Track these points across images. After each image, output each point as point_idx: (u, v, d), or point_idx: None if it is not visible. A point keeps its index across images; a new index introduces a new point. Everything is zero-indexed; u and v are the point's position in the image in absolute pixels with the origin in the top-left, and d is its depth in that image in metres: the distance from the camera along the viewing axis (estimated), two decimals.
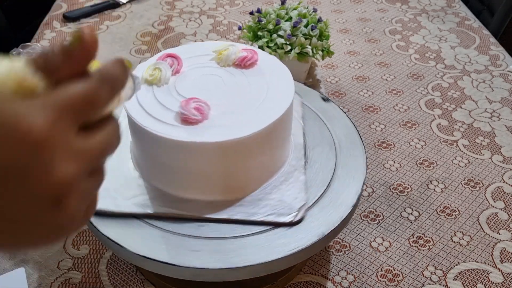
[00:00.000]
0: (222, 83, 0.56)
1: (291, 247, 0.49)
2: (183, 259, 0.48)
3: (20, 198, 0.25)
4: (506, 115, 0.94)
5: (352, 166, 0.59)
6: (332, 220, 0.52)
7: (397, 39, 1.17)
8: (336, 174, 0.58)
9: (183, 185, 0.53)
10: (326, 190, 0.56)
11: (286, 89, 0.55)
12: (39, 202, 0.26)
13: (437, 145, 0.86)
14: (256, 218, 0.51)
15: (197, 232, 0.51)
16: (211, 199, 0.53)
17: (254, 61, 0.58)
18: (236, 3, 1.31)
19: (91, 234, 0.68)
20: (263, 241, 0.50)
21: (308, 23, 0.85)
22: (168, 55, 0.58)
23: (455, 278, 0.64)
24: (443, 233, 0.70)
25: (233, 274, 0.48)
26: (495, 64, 1.09)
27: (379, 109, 0.95)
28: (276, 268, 0.50)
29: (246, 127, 0.49)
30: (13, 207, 0.25)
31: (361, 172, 0.58)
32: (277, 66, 0.59)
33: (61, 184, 0.25)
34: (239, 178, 0.53)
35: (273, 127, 0.51)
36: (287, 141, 0.58)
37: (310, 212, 0.53)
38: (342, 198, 0.55)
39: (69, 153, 0.26)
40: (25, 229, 0.26)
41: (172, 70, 0.56)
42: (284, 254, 0.48)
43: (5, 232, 0.26)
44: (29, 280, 0.62)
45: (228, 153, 0.50)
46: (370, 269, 0.65)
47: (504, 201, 0.76)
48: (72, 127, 0.26)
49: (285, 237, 0.50)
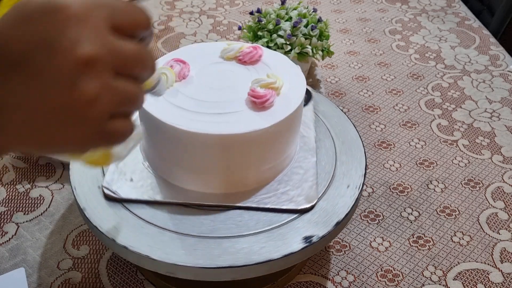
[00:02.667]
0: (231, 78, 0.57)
1: (290, 247, 0.49)
2: (183, 258, 0.48)
3: (46, 74, 0.26)
4: (506, 115, 0.94)
5: (352, 166, 0.59)
6: (331, 220, 0.52)
7: (397, 39, 1.17)
8: (336, 174, 0.58)
9: (189, 177, 0.54)
10: (326, 190, 0.56)
11: (298, 86, 0.56)
12: (63, 79, 0.27)
13: (437, 145, 0.86)
14: (279, 207, 0.53)
15: (197, 232, 0.51)
16: (214, 191, 0.54)
17: (259, 57, 0.59)
18: (236, 3, 1.31)
19: (91, 234, 0.68)
20: (264, 241, 0.50)
21: (308, 23, 0.85)
22: (175, 60, 0.58)
23: (455, 278, 0.64)
24: (443, 233, 0.70)
25: (232, 273, 0.48)
26: (495, 64, 1.09)
27: (379, 109, 0.95)
28: (276, 268, 0.50)
29: (254, 123, 0.50)
30: (39, 85, 0.27)
31: (361, 172, 0.58)
32: (289, 65, 0.60)
33: (86, 60, 0.27)
34: (259, 169, 0.54)
35: (282, 125, 0.52)
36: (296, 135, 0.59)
37: (327, 194, 0.54)
38: (352, 176, 0.56)
39: (97, 37, 0.27)
40: (51, 116, 0.28)
41: (179, 75, 0.56)
42: (283, 254, 0.48)
43: (36, 119, 0.28)
44: (29, 280, 0.62)
45: (250, 145, 0.51)
46: (370, 269, 0.65)
47: (504, 201, 0.76)
48: (106, 21, 0.28)
49: (285, 237, 0.50)
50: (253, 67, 0.58)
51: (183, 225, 0.52)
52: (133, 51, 0.29)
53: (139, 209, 0.53)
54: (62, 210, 0.71)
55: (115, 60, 0.28)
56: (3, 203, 0.72)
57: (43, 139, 0.29)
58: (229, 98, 0.53)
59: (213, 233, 0.51)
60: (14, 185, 0.75)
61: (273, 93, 0.52)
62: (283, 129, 0.53)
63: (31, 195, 0.73)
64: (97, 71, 0.27)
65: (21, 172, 0.77)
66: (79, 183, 0.56)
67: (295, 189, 0.55)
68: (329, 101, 0.69)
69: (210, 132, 0.49)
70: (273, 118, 0.51)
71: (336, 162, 0.59)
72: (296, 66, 0.59)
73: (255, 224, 0.52)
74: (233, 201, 0.54)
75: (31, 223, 0.69)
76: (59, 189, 0.74)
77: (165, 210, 0.53)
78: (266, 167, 0.55)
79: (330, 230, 0.51)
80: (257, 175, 0.55)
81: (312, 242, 0.49)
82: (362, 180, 0.57)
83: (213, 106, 0.52)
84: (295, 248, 0.49)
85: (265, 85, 0.53)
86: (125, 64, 0.29)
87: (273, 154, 0.54)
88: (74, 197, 0.54)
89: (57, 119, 0.28)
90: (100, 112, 0.28)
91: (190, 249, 0.49)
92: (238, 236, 0.50)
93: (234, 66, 0.59)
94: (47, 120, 0.28)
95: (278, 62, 0.59)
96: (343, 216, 0.52)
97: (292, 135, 0.56)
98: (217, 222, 0.52)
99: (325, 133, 0.64)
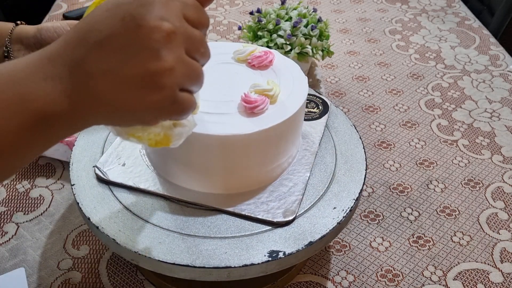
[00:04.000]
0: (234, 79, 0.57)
1: (289, 247, 0.49)
2: (145, 249, 0.48)
3: (132, 45, 0.32)
4: (506, 115, 0.94)
5: (352, 166, 0.59)
6: (304, 239, 0.50)
7: (397, 39, 1.17)
8: (336, 174, 0.58)
9: (183, 175, 0.54)
10: (326, 190, 0.56)
11: (300, 91, 0.55)
12: (148, 49, 0.32)
13: (437, 145, 0.86)
14: (255, 215, 0.52)
15: (167, 225, 0.51)
16: (197, 189, 0.54)
17: (269, 62, 0.59)
18: (236, 3, 1.31)
19: (91, 234, 0.68)
20: (228, 247, 0.49)
21: (308, 23, 0.85)
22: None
23: (455, 278, 0.64)
24: (443, 233, 0.70)
25: (232, 273, 0.48)
26: (495, 64, 1.09)
27: (379, 109, 0.95)
28: (275, 268, 0.50)
29: (251, 125, 0.50)
30: (125, 55, 0.32)
31: (361, 174, 0.58)
32: (298, 75, 0.59)
33: (168, 33, 0.32)
34: (239, 174, 0.54)
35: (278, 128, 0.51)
36: (296, 137, 0.58)
37: (307, 214, 0.53)
38: (341, 200, 0.54)
39: (176, 19, 0.33)
40: (133, 82, 0.32)
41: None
42: (282, 255, 0.48)
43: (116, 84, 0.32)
44: (29, 280, 0.62)
45: (231, 149, 0.51)
46: (370, 269, 0.65)
47: (504, 201, 0.76)
48: (181, 10, 0.34)
49: (284, 237, 0.50)
50: (260, 72, 0.58)
51: (157, 217, 0.52)
52: (200, 37, 0.35)
53: (122, 194, 0.54)
54: (62, 210, 0.71)
55: (187, 40, 0.33)
56: (3, 203, 0.72)
57: (125, 105, 0.33)
58: (223, 99, 0.53)
59: (182, 229, 0.51)
60: (14, 185, 0.75)
61: (265, 100, 0.52)
62: (270, 137, 0.52)
63: (31, 195, 0.73)
64: (175, 45, 0.32)
65: (21, 172, 0.77)
66: (77, 159, 0.58)
67: (277, 201, 0.53)
68: (346, 118, 0.67)
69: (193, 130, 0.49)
70: (258, 125, 0.50)
71: (331, 181, 0.57)
72: (304, 77, 0.58)
73: (226, 228, 0.51)
74: (211, 202, 0.53)
75: (31, 223, 0.69)
76: (59, 189, 0.74)
77: (146, 199, 0.54)
78: (249, 174, 0.54)
79: (299, 249, 0.49)
80: (240, 180, 0.54)
81: (277, 257, 0.48)
82: (352, 204, 0.54)
83: (205, 105, 0.52)
84: (256, 260, 0.48)
85: (259, 91, 0.52)
86: (193, 45, 0.34)
87: (257, 162, 0.53)
88: (69, 172, 0.57)
89: (138, 85, 0.32)
90: (175, 81, 0.33)
91: (155, 241, 0.49)
92: (205, 237, 0.50)
93: (241, 69, 0.58)
94: (129, 86, 0.32)
95: (287, 70, 0.58)
96: (318, 237, 0.50)
97: (283, 146, 0.54)
98: (189, 219, 0.52)
99: (330, 149, 0.62)
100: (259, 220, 0.52)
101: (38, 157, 0.80)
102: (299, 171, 0.57)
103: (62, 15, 1.21)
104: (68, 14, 1.20)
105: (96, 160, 0.58)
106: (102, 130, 0.63)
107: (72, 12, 1.21)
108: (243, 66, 0.59)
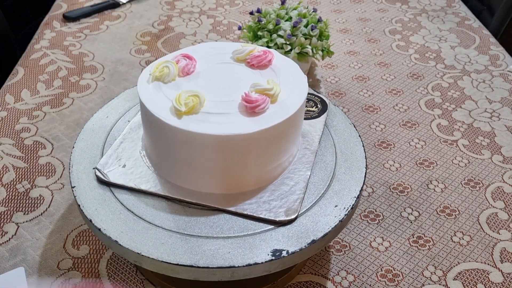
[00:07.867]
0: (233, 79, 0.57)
1: (293, 246, 0.49)
2: (148, 250, 0.48)
3: None
4: (506, 115, 0.94)
5: (352, 166, 0.59)
6: (307, 238, 0.50)
7: (397, 39, 1.17)
8: (336, 174, 0.58)
9: (185, 176, 0.55)
10: (327, 188, 0.56)
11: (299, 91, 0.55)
12: None
13: (437, 145, 0.86)
14: (257, 215, 0.52)
15: (169, 226, 0.51)
16: (198, 189, 0.54)
17: (268, 62, 0.59)
18: (236, 3, 1.31)
19: (91, 234, 0.68)
20: (231, 246, 0.49)
21: (308, 23, 0.85)
22: (183, 55, 0.58)
23: (455, 278, 0.64)
24: (443, 233, 0.70)
25: (235, 273, 0.48)
26: (495, 64, 1.09)
27: (379, 109, 0.95)
28: (279, 267, 0.50)
29: (249, 124, 0.50)
30: None
31: (361, 172, 0.58)
32: (297, 74, 0.59)
33: None
34: (240, 173, 0.54)
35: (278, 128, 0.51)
36: (297, 137, 0.58)
37: (309, 212, 0.53)
38: (342, 198, 0.55)
39: None
40: None
41: (183, 69, 0.57)
42: (286, 253, 0.48)
43: None
44: (29, 280, 0.62)
45: (233, 148, 0.51)
46: (370, 269, 0.65)
47: (504, 201, 0.76)
48: None
49: (287, 236, 0.50)
50: (260, 71, 0.58)
51: (159, 218, 0.52)
52: None
53: (123, 195, 0.54)
54: (62, 210, 0.71)
55: None
56: (3, 203, 0.72)
57: None
58: (224, 99, 0.53)
59: (184, 230, 0.51)
60: (14, 185, 0.75)
61: (266, 99, 0.52)
62: (271, 137, 0.52)
63: (31, 195, 0.73)
64: None
65: (21, 172, 0.77)
66: (77, 161, 0.58)
67: (278, 200, 0.54)
68: (345, 116, 0.67)
69: (192, 130, 0.49)
70: (259, 124, 0.50)
71: (331, 179, 0.57)
72: (303, 77, 0.58)
73: (228, 228, 0.51)
74: (213, 202, 0.53)
75: (31, 223, 0.69)
76: (59, 189, 0.74)
77: (147, 200, 0.54)
78: (251, 173, 0.54)
79: (302, 248, 0.49)
80: (241, 180, 0.54)
81: (280, 256, 0.48)
82: (353, 202, 0.54)
83: (206, 104, 0.52)
84: (259, 260, 0.48)
85: (260, 90, 0.52)
86: None
87: (259, 161, 0.53)
88: (69, 175, 0.57)
89: None
90: None
91: (157, 242, 0.49)
92: (207, 237, 0.50)
93: (240, 68, 0.58)
94: None
95: (287, 69, 0.59)
96: (320, 235, 0.50)
97: (284, 145, 0.55)
98: (191, 219, 0.52)
99: (329, 148, 0.62)
100: (262, 219, 0.52)
101: (38, 157, 0.80)
102: (299, 170, 0.57)
103: (62, 15, 1.21)
104: (68, 14, 1.20)
105: (96, 162, 0.58)
106: (102, 132, 0.63)
107: (72, 12, 1.21)
108: (242, 66, 0.59)
